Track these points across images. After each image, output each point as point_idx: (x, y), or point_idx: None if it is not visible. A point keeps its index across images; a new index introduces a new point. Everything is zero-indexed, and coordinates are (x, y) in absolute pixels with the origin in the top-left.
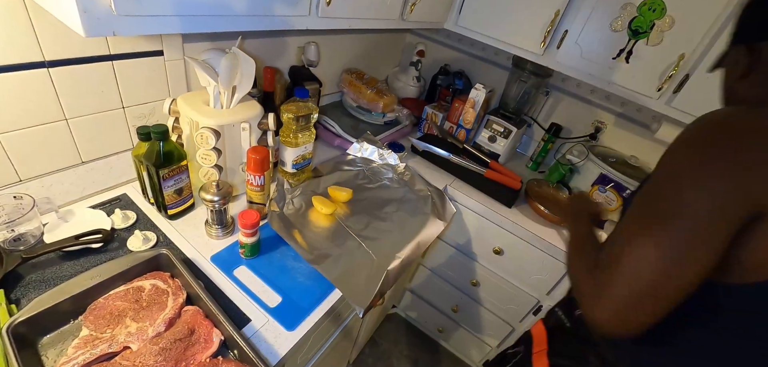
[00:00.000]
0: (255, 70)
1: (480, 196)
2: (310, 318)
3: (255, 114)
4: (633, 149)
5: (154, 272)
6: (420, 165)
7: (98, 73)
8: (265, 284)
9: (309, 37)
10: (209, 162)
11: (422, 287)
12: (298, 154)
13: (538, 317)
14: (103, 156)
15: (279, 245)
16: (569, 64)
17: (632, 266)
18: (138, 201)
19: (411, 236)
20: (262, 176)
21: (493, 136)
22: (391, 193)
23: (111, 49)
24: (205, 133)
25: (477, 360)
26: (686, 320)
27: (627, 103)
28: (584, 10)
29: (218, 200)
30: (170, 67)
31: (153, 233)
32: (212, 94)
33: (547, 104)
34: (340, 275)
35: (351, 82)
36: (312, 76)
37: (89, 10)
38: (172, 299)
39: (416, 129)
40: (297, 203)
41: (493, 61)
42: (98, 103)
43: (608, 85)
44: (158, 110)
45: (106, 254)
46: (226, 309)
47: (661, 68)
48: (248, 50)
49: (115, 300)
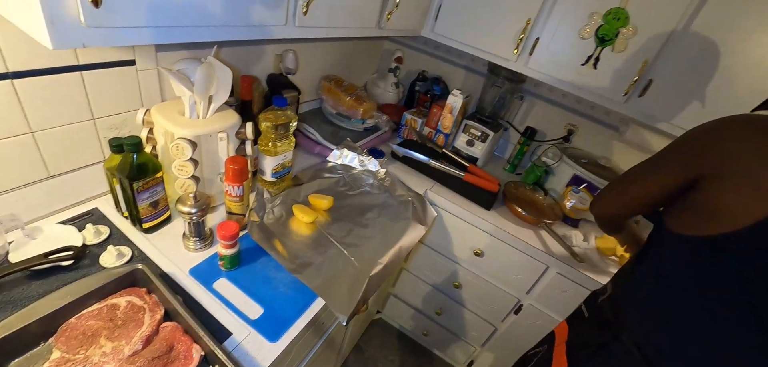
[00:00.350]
0: (232, 79)
1: (459, 199)
2: (293, 328)
3: (232, 123)
4: (604, 151)
5: (130, 288)
6: (400, 170)
7: (66, 84)
8: (246, 295)
9: (287, 45)
10: (186, 173)
11: (406, 292)
12: (278, 163)
13: (519, 315)
14: (73, 169)
15: (260, 256)
16: (541, 70)
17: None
18: (111, 215)
19: (393, 241)
20: (240, 186)
21: (471, 140)
22: (372, 199)
23: (80, 59)
24: (180, 143)
25: (462, 361)
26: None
27: (596, 107)
28: (554, 19)
29: (196, 212)
30: (143, 77)
31: (127, 247)
32: (188, 104)
33: (522, 108)
34: (323, 284)
35: (330, 89)
36: (290, 84)
37: (56, 21)
38: (149, 315)
39: (396, 135)
40: (277, 212)
41: (470, 68)
42: (67, 114)
43: (578, 90)
44: (131, 121)
45: (78, 272)
46: (206, 323)
47: (627, 74)
48: (225, 59)
49: (88, 320)
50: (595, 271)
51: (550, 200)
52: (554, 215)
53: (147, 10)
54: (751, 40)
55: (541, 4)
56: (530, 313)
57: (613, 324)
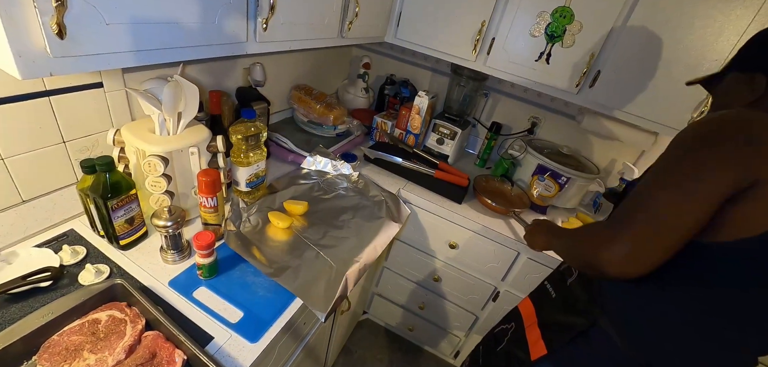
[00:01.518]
0: (199, 95)
1: (431, 195)
2: (273, 328)
3: (202, 138)
4: (565, 139)
5: (110, 303)
6: (373, 172)
7: (34, 110)
8: (226, 301)
9: (254, 58)
10: (159, 189)
11: (389, 290)
12: (251, 173)
13: (497, 302)
14: (46, 193)
15: (238, 263)
16: (499, 68)
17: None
18: (87, 235)
19: (368, 240)
20: (214, 198)
21: (441, 138)
22: (347, 201)
23: (47, 85)
24: (152, 160)
25: (448, 352)
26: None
27: (556, 99)
28: (506, 19)
29: (171, 225)
30: (111, 99)
31: (106, 265)
32: (157, 122)
33: (488, 105)
34: (300, 285)
35: (300, 98)
36: (260, 96)
37: (24, 53)
38: (131, 326)
39: (368, 138)
40: (254, 220)
41: (435, 69)
42: (36, 140)
43: (535, 84)
44: (102, 141)
45: (57, 292)
46: (187, 330)
47: (577, 67)
48: (192, 76)
49: (70, 335)
50: None
51: (518, 190)
52: (522, 204)
53: (111, 38)
54: (684, 27)
55: (494, 6)
56: (507, 299)
57: (589, 310)
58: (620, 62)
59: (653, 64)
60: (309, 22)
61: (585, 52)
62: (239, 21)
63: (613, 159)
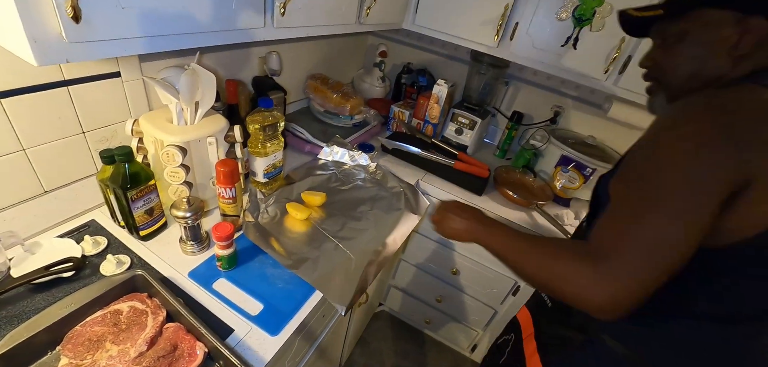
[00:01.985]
0: (216, 84)
1: (451, 187)
2: (293, 321)
3: (220, 128)
4: (590, 130)
5: (131, 294)
6: (391, 163)
7: (54, 100)
8: (246, 293)
9: (270, 46)
10: (178, 179)
11: (406, 282)
12: (269, 164)
13: (517, 296)
14: (67, 183)
15: (257, 254)
16: (523, 54)
17: (648, 241)
18: (107, 226)
19: (386, 232)
20: (232, 188)
21: (460, 128)
22: (365, 192)
23: (65, 74)
24: (170, 150)
25: (465, 346)
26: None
27: (581, 87)
28: (532, 2)
29: (190, 216)
30: (129, 88)
31: (126, 256)
32: (175, 112)
33: (508, 94)
34: (320, 277)
35: (316, 88)
36: (276, 85)
37: (39, 39)
38: (152, 318)
39: (385, 128)
40: (271, 211)
41: (453, 57)
42: (56, 130)
43: (560, 71)
44: (121, 132)
45: (79, 282)
46: (207, 322)
47: (606, 52)
48: (209, 64)
49: (92, 326)
50: None
51: (541, 182)
52: (545, 196)
53: (126, 22)
54: None
55: None
56: (528, 293)
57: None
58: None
59: None
60: (327, 7)
61: (616, 36)
62: (257, 6)
63: None
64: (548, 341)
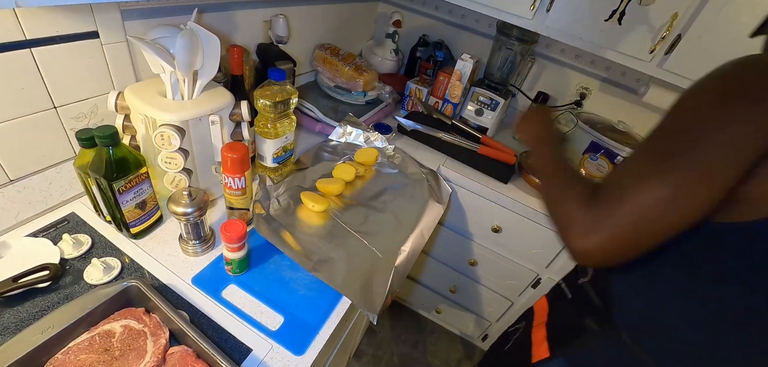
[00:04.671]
0: (220, 49)
1: (475, 174)
2: (321, 336)
3: (225, 103)
4: (619, 114)
5: (124, 309)
6: (409, 146)
7: (13, 65)
8: (262, 302)
9: (275, 8)
10: (175, 166)
11: (418, 271)
12: (279, 147)
13: (536, 289)
14: (38, 170)
15: (271, 253)
16: (559, 28)
17: (640, 205)
18: (91, 220)
19: (413, 224)
20: (242, 177)
21: (480, 109)
22: (384, 179)
23: (25, 32)
24: (165, 131)
25: (477, 335)
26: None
27: (611, 67)
28: None
29: (193, 212)
30: (111, 52)
31: (115, 258)
32: (169, 83)
33: (531, 73)
34: (346, 281)
35: (326, 60)
36: (284, 55)
37: None
38: (152, 341)
39: (399, 107)
40: (283, 201)
41: (473, 29)
42: (19, 105)
43: (599, 49)
44: (103, 107)
45: (59, 293)
46: (220, 342)
47: (654, 29)
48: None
49: (78, 354)
50: None
51: None
52: None
53: None
54: None
55: None
56: (549, 286)
57: (601, 310)
58: (708, 27)
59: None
60: None
61: (667, 11)
62: None
63: None
64: (560, 330)
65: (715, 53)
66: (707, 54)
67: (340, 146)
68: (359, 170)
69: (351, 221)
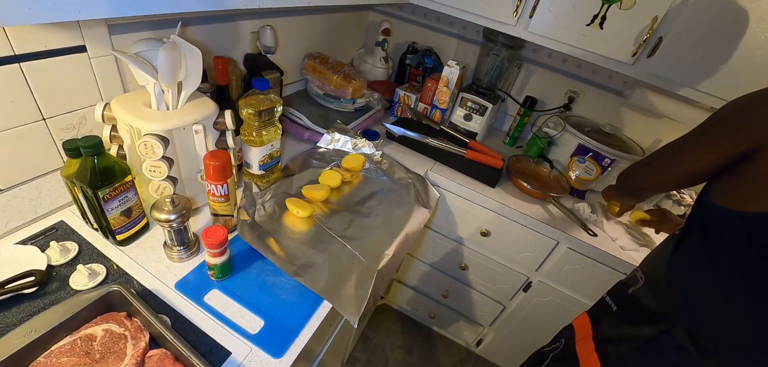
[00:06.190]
0: (203, 61)
1: (462, 178)
2: (300, 339)
3: (208, 113)
4: (607, 117)
5: (107, 314)
6: (397, 151)
7: (2, 79)
8: (243, 307)
9: (263, 19)
10: (159, 175)
11: (410, 276)
12: (265, 154)
13: (528, 293)
14: (27, 180)
15: (254, 259)
16: (543, 33)
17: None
18: (79, 228)
19: (398, 229)
20: (224, 185)
21: (469, 114)
22: (371, 185)
23: (14, 47)
24: (149, 141)
25: (471, 341)
26: None
27: (598, 71)
28: None
29: (175, 219)
30: (98, 66)
31: (101, 265)
32: (154, 94)
33: (519, 77)
34: (328, 285)
35: (315, 68)
36: (271, 64)
37: None
38: (132, 344)
39: (388, 113)
40: (269, 207)
41: (462, 36)
42: (9, 117)
43: (583, 53)
44: (91, 118)
45: (45, 299)
46: (199, 345)
47: (635, 32)
48: (194, 38)
49: (59, 357)
50: (606, 244)
51: (557, 173)
52: (561, 188)
53: None
54: None
55: None
56: (540, 289)
57: (658, 317)
58: (689, 29)
59: (730, 30)
60: None
61: (647, 15)
62: None
63: (657, 139)
64: (609, 341)
65: (696, 56)
66: (689, 56)
67: (328, 153)
68: (346, 176)
69: (336, 226)
